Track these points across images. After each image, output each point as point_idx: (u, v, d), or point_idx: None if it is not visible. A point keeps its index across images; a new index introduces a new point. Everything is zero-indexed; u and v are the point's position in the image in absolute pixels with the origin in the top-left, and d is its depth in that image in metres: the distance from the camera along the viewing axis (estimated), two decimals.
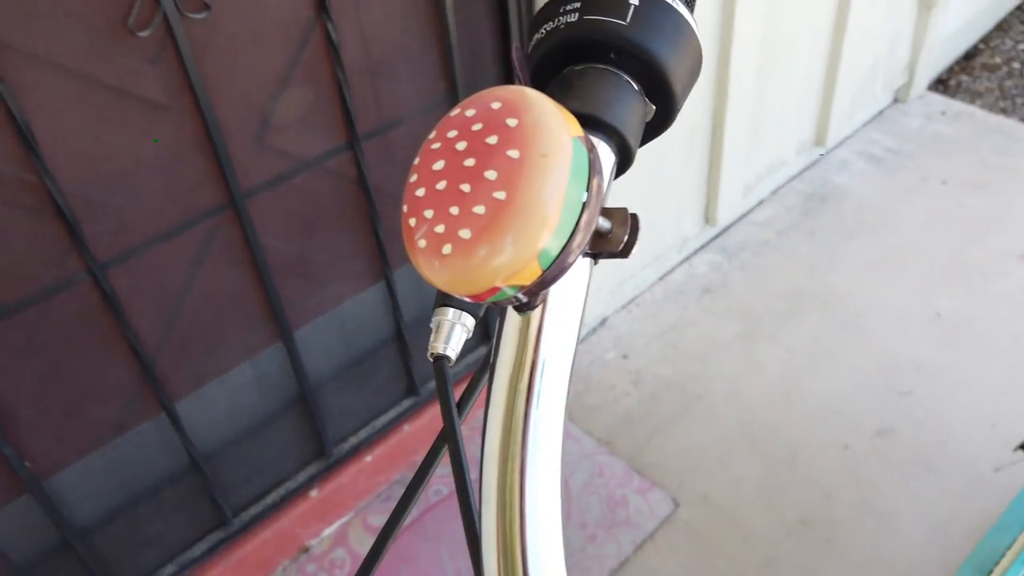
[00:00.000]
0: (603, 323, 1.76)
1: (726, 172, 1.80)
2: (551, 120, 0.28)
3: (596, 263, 0.33)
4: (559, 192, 0.27)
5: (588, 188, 0.28)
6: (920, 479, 1.42)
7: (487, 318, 1.50)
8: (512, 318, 0.33)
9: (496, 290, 0.28)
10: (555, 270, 0.28)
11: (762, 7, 1.63)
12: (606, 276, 1.69)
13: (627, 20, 0.33)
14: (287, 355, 1.25)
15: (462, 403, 0.38)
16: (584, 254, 0.31)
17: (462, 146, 0.28)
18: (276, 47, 1.04)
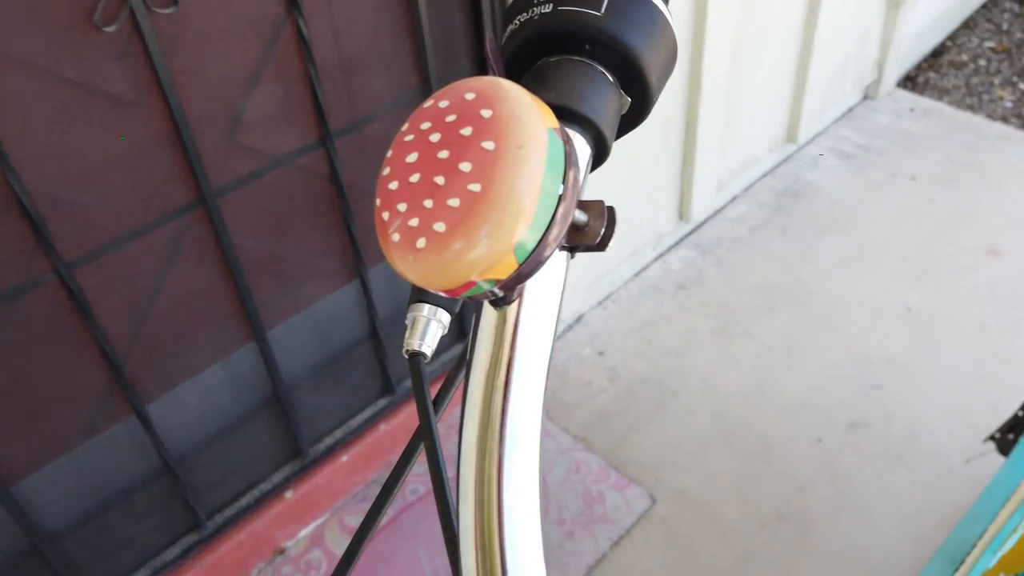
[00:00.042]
0: (579, 320, 1.76)
1: (700, 168, 1.80)
2: (526, 111, 0.27)
3: (573, 257, 0.33)
4: (535, 184, 0.27)
5: (564, 180, 0.28)
6: (892, 471, 1.44)
7: (463, 314, 1.49)
8: (488, 313, 0.32)
9: (472, 284, 0.28)
10: (531, 264, 0.28)
11: (735, 2, 1.64)
12: (582, 272, 1.69)
13: (601, 11, 0.33)
14: (260, 355, 1.24)
15: (438, 400, 0.38)
16: (561, 248, 0.31)
17: (436, 138, 0.28)
18: (246, 43, 1.03)
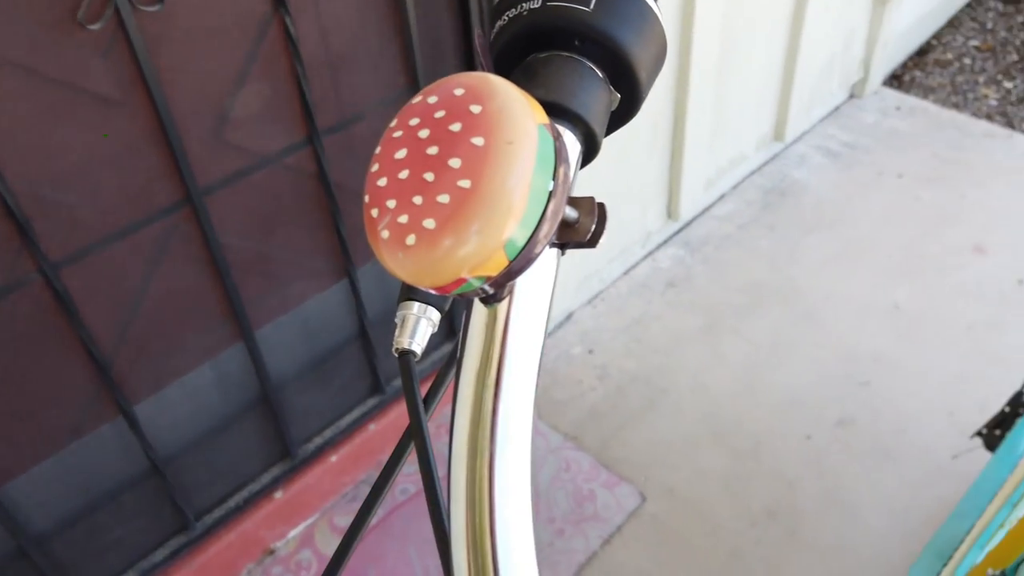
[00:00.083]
0: (568, 318, 1.76)
1: (688, 166, 1.81)
2: (516, 107, 0.27)
3: (563, 253, 0.33)
4: (525, 180, 0.27)
5: (554, 177, 0.28)
6: (880, 468, 1.45)
7: (453, 313, 1.49)
8: (479, 311, 0.32)
9: (462, 281, 0.28)
10: (522, 260, 0.28)
11: (722, 1, 1.64)
12: (571, 271, 1.69)
13: (591, 7, 0.33)
14: (248, 355, 1.23)
15: (428, 399, 0.38)
16: (551, 244, 0.31)
17: (425, 134, 0.28)
18: (233, 41, 1.02)
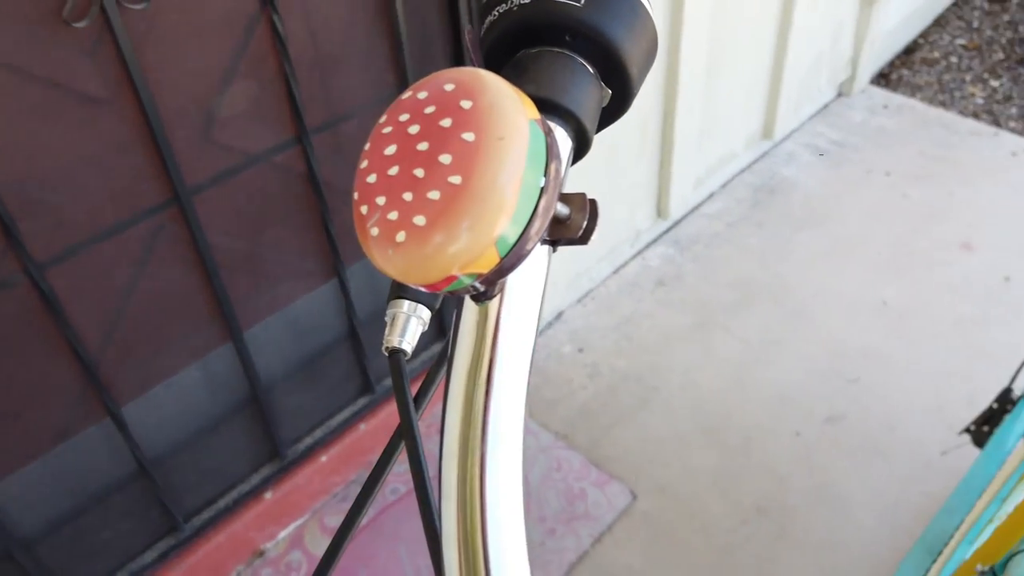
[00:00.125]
0: (559, 317, 1.76)
1: (677, 165, 1.81)
2: (507, 102, 0.27)
3: (555, 250, 0.33)
4: (516, 176, 0.26)
5: (546, 173, 0.27)
6: (870, 464, 1.45)
7: (443, 312, 1.49)
8: (469, 308, 0.32)
9: (452, 279, 0.27)
10: (513, 257, 0.27)
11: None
12: (561, 270, 1.69)
13: (582, 1, 0.32)
14: (237, 355, 1.22)
15: (419, 398, 0.37)
16: (543, 241, 0.31)
17: (415, 130, 0.28)
18: (220, 39, 1.01)
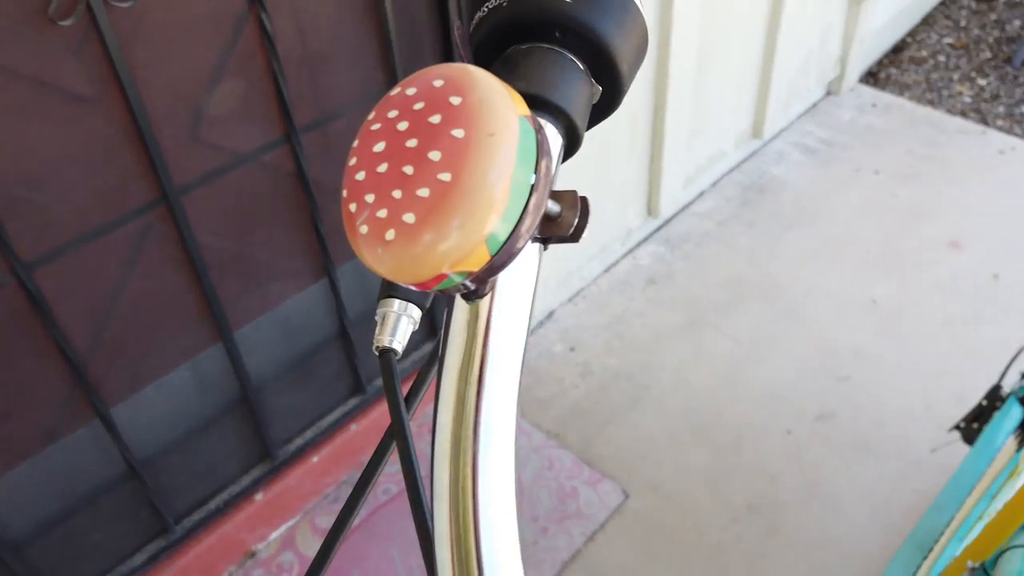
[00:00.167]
0: (550, 316, 1.76)
1: (668, 163, 1.81)
2: (497, 98, 0.27)
3: (546, 248, 0.32)
4: (507, 173, 0.26)
5: (536, 170, 0.27)
6: (860, 461, 1.46)
7: (434, 311, 1.48)
8: (460, 307, 0.31)
9: (443, 277, 0.27)
10: (504, 255, 0.27)
11: None
12: (552, 269, 1.69)
13: None
14: (227, 356, 1.22)
15: (410, 398, 0.37)
16: (533, 239, 0.30)
17: (404, 126, 0.27)
18: (208, 37, 1.01)
